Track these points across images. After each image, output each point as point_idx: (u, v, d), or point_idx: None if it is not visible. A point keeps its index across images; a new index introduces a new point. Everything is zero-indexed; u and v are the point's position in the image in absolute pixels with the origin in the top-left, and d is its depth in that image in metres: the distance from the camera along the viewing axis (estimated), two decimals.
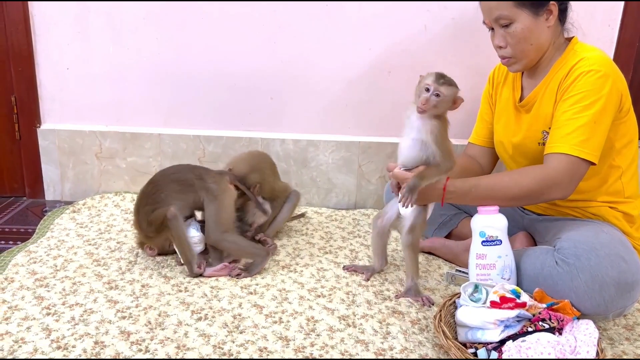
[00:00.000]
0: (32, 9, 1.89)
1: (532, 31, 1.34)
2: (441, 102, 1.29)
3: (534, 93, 1.43)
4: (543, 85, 1.41)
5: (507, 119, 1.52)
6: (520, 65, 1.41)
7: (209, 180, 1.52)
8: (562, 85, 1.34)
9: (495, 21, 1.36)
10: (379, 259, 1.54)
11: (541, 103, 1.41)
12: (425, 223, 1.42)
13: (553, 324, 1.14)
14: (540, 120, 1.41)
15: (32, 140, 2.02)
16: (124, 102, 2.00)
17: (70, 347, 1.17)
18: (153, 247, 1.58)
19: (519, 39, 1.35)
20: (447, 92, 1.29)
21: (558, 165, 1.29)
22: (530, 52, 1.37)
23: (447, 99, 1.30)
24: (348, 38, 1.92)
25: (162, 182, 1.54)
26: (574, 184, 1.31)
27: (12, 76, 1.96)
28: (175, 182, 1.53)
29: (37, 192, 2.07)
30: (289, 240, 1.75)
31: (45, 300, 1.34)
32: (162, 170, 1.60)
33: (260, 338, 1.22)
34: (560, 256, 1.28)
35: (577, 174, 1.30)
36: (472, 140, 1.68)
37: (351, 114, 2.01)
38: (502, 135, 1.54)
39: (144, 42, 1.92)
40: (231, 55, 1.94)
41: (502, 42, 1.38)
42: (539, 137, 1.41)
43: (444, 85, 1.29)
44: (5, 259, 1.55)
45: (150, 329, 1.24)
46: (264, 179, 1.69)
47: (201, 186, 1.51)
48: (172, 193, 1.51)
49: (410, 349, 1.20)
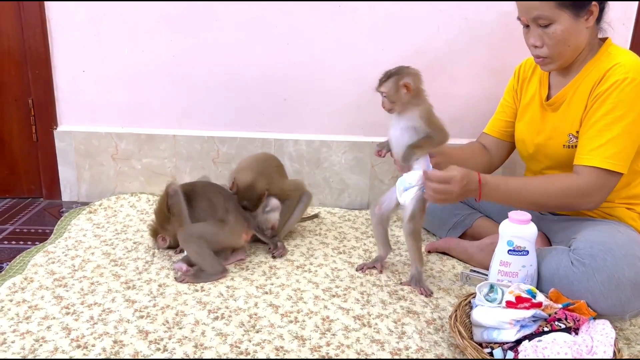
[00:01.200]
0: (49, 13, 1.92)
1: (571, 33, 1.31)
2: (391, 98, 1.36)
3: (562, 92, 1.41)
4: (573, 85, 1.38)
5: (531, 116, 1.50)
6: (555, 66, 1.38)
7: (230, 218, 1.55)
8: (595, 91, 1.32)
9: (534, 20, 1.32)
10: (383, 247, 1.56)
11: (570, 104, 1.39)
12: (424, 211, 1.41)
13: (569, 324, 1.14)
14: (567, 122, 1.39)
15: (49, 142, 2.05)
16: (139, 104, 2.02)
17: (90, 346, 1.19)
18: (165, 238, 1.61)
19: (557, 41, 1.32)
20: (386, 87, 1.36)
21: (589, 178, 1.30)
22: (566, 54, 1.34)
23: (392, 92, 1.35)
24: (360, 39, 1.92)
25: (199, 193, 1.59)
26: (603, 196, 1.32)
27: (29, 79, 1.99)
28: (208, 201, 1.57)
29: (53, 193, 2.10)
30: (302, 240, 1.76)
31: (65, 300, 1.36)
32: (209, 183, 1.66)
33: (276, 337, 1.23)
34: (576, 256, 1.27)
35: (607, 186, 1.31)
36: (486, 130, 1.68)
37: (364, 115, 2.01)
38: (524, 133, 1.52)
39: (159, 44, 1.94)
40: (245, 57, 1.95)
41: (538, 42, 1.34)
42: (565, 140, 1.40)
43: (382, 84, 1.37)
44: (24, 259, 1.58)
45: (168, 328, 1.26)
46: (272, 182, 1.68)
47: (221, 216, 1.55)
48: (199, 208, 1.56)
49: (426, 348, 1.21)
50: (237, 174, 1.67)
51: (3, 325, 1.25)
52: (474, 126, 1.76)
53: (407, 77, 1.35)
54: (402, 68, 1.37)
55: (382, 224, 1.53)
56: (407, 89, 1.35)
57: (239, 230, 1.57)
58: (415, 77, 1.36)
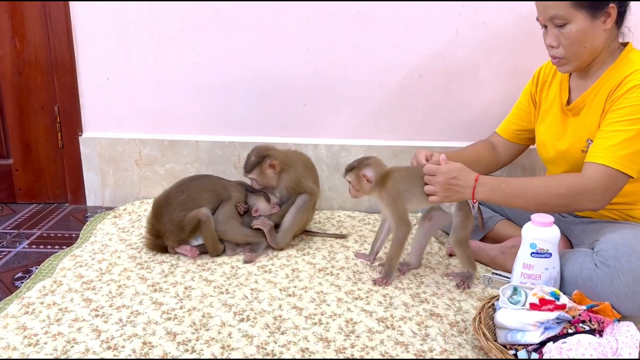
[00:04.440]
0: (75, 22, 1.97)
1: (587, 33, 1.31)
2: (355, 186, 1.49)
3: (582, 98, 1.41)
4: (592, 90, 1.38)
5: (552, 120, 1.51)
6: (571, 67, 1.38)
7: (232, 189, 1.73)
8: (612, 96, 1.32)
9: (550, 20, 1.33)
10: (416, 257, 1.59)
11: (589, 110, 1.39)
12: (469, 219, 1.45)
13: (593, 325, 1.14)
14: (585, 128, 1.39)
15: (74, 148, 2.09)
16: (162, 111, 2.06)
17: (120, 347, 1.22)
18: (174, 247, 1.66)
19: (572, 41, 1.32)
20: (351, 177, 1.49)
21: (594, 175, 1.29)
22: (583, 55, 1.34)
23: (355, 181, 1.48)
24: (380, 44, 1.94)
25: (197, 192, 1.68)
26: (608, 196, 1.30)
27: (55, 87, 2.04)
28: (208, 191, 1.69)
29: (78, 198, 2.15)
30: (324, 243, 1.78)
31: (93, 303, 1.40)
32: (191, 180, 1.72)
33: (301, 339, 1.25)
34: (599, 258, 1.28)
35: (613, 186, 1.29)
36: (499, 130, 1.70)
37: (383, 119, 2.03)
38: (544, 137, 1.53)
39: (182, 52, 1.98)
40: (265, 64, 1.98)
41: (554, 42, 1.35)
42: (583, 146, 1.40)
43: (347, 174, 1.50)
44: (52, 263, 1.62)
45: (195, 329, 1.28)
46: (296, 171, 1.74)
47: (225, 194, 1.71)
48: (205, 201, 1.67)
49: (450, 350, 1.22)
50: (272, 151, 1.73)
51: (35, 327, 1.29)
52: (494, 130, 1.76)
53: (365, 168, 1.47)
54: (361, 160, 1.50)
55: (425, 237, 1.59)
56: (366, 178, 1.47)
57: (243, 193, 1.74)
58: (371, 168, 1.47)
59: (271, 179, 1.72)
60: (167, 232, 1.63)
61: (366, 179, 1.47)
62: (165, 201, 1.66)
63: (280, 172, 1.73)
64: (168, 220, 1.63)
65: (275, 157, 1.71)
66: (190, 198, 1.65)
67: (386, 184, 1.47)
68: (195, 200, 1.65)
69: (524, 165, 1.99)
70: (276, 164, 1.70)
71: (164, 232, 1.64)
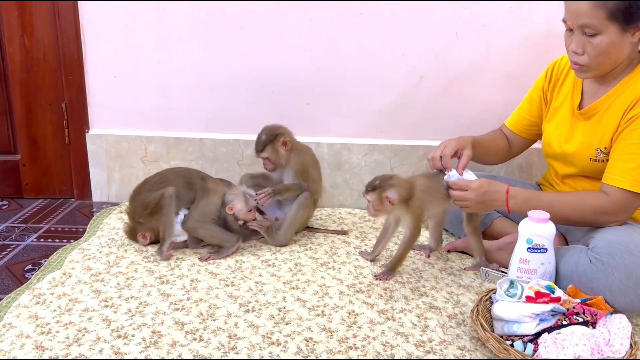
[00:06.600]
0: (83, 21, 2.01)
1: (615, 46, 1.29)
2: (375, 205, 1.46)
3: (596, 104, 1.41)
4: (607, 99, 1.39)
5: (561, 120, 1.53)
6: (591, 75, 1.38)
7: (210, 182, 1.72)
8: (629, 113, 1.34)
9: (580, 27, 1.30)
10: (435, 240, 1.69)
11: (602, 118, 1.40)
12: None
13: (587, 317, 1.18)
14: (596, 137, 1.41)
15: (80, 144, 2.13)
16: (168, 109, 2.10)
17: (130, 335, 1.26)
18: (146, 235, 1.69)
19: (600, 52, 1.30)
20: (372, 197, 1.45)
21: (617, 199, 1.35)
22: (606, 65, 1.34)
23: (377, 202, 1.45)
24: (381, 45, 1.99)
25: (171, 176, 1.71)
26: (627, 215, 1.39)
27: (63, 84, 2.07)
28: (182, 178, 1.71)
29: (84, 194, 2.19)
30: (325, 239, 1.82)
31: (103, 294, 1.44)
32: (172, 168, 1.80)
33: (305, 329, 1.29)
34: (594, 255, 1.32)
35: (633, 206, 1.37)
36: (508, 124, 1.73)
37: (384, 118, 2.07)
38: (551, 136, 1.55)
39: (188, 51, 2.02)
40: (269, 63, 2.02)
41: (579, 49, 1.33)
42: (592, 154, 1.43)
43: (368, 193, 1.46)
44: (61, 256, 1.65)
45: (202, 319, 1.32)
46: (305, 157, 1.78)
47: (201, 185, 1.70)
48: (178, 187, 1.67)
49: (449, 341, 1.26)
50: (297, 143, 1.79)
51: (47, 316, 1.33)
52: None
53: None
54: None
55: (441, 217, 1.67)
56: (389, 199, 1.45)
57: (221, 188, 1.71)
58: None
59: (282, 157, 1.73)
60: (136, 214, 1.67)
61: (388, 200, 1.45)
62: (142, 184, 1.71)
63: (291, 153, 1.75)
64: (138, 199, 1.68)
65: (287, 135, 1.73)
66: (162, 180, 1.69)
67: (410, 203, 1.47)
68: (166, 182, 1.67)
69: (520, 165, 2.03)
70: (288, 141, 1.72)
71: (133, 215, 1.68)
